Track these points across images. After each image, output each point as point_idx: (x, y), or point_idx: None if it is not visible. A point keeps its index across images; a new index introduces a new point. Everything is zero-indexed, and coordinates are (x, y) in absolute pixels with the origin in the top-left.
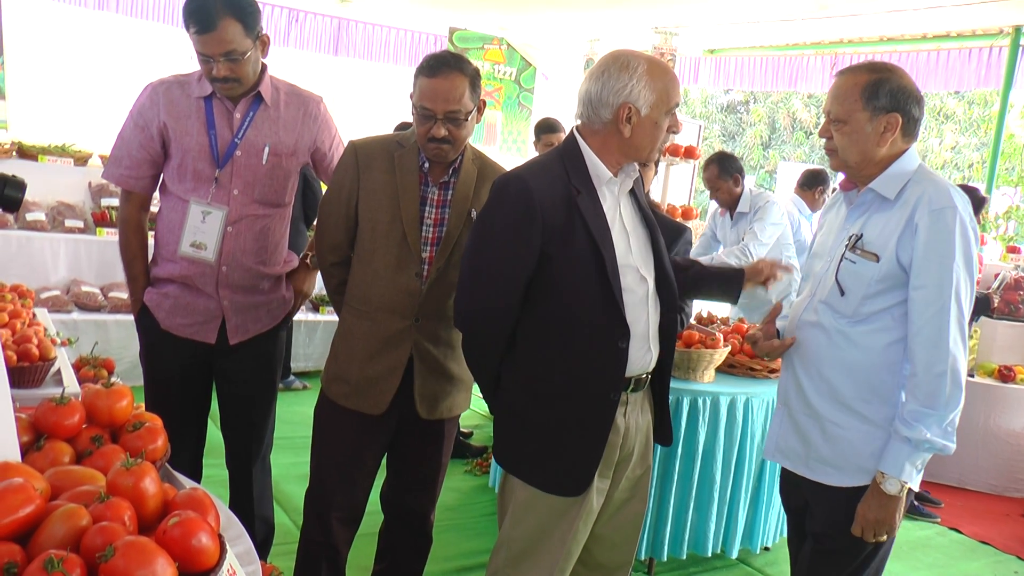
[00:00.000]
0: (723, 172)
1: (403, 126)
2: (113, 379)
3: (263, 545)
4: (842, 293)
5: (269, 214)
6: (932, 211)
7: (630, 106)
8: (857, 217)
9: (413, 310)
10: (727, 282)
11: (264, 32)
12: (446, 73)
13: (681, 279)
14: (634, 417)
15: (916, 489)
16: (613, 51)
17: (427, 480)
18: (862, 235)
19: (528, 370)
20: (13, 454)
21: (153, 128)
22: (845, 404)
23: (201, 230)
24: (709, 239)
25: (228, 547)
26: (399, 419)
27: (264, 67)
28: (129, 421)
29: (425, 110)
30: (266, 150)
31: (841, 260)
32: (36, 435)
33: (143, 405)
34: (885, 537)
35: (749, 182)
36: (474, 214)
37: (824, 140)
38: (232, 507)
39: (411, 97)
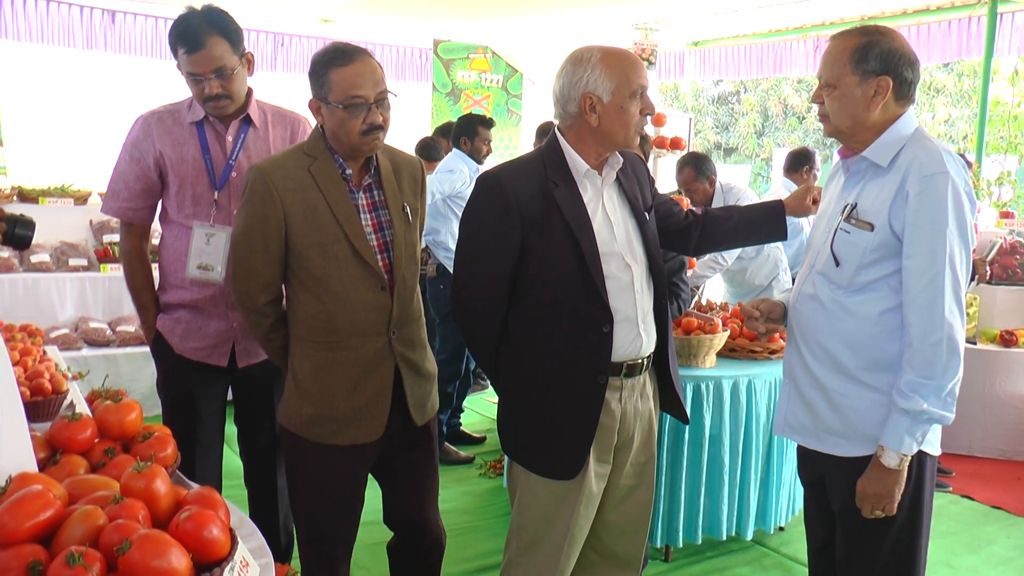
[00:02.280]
0: (699, 174)
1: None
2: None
3: (285, 552)
4: (837, 263)
5: None
6: (923, 177)
7: (590, 96)
8: (853, 186)
9: (387, 324)
10: (769, 219)
11: (249, 51)
12: (362, 57)
13: (724, 230)
14: (632, 403)
15: (936, 453)
16: (573, 50)
17: (426, 487)
18: (856, 204)
19: (519, 357)
20: (31, 468)
21: (149, 159)
22: (848, 374)
23: (207, 252)
24: None
25: (240, 540)
26: (389, 434)
27: (250, 91)
28: (139, 433)
29: (357, 98)
30: None
31: (836, 230)
32: (52, 451)
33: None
34: (882, 513)
35: (744, 171)
36: (407, 208)
37: (817, 108)
38: (254, 522)
39: (320, 100)
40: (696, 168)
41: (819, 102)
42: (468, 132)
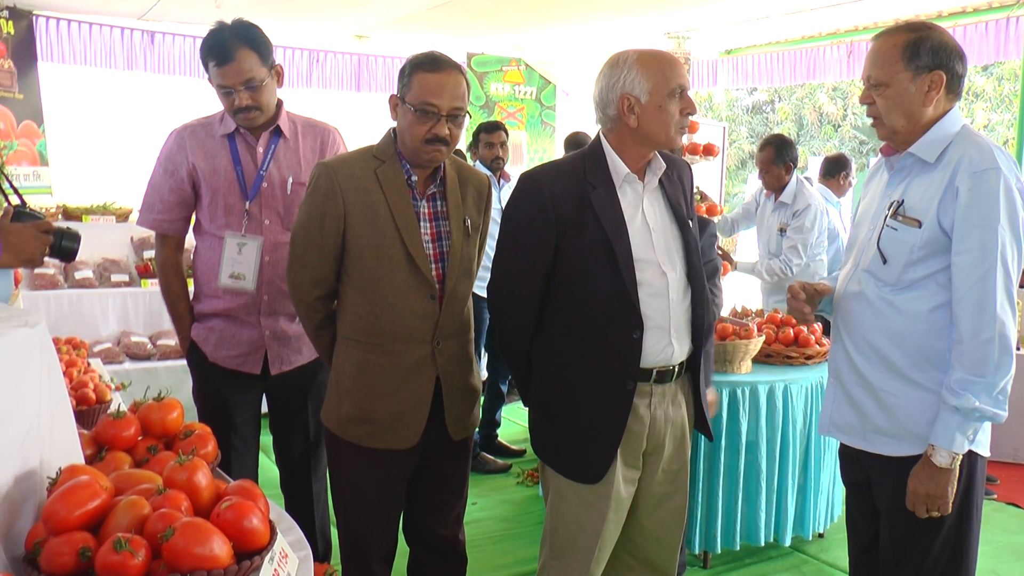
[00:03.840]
0: (778, 157)
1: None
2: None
3: (323, 559)
4: (884, 261)
5: None
6: (973, 173)
7: (629, 97)
8: (898, 183)
9: (432, 334)
10: None
11: (278, 64)
12: (450, 70)
13: None
14: (662, 409)
15: (986, 454)
16: (611, 54)
17: (452, 502)
18: (903, 201)
19: (550, 359)
20: (79, 463)
21: (183, 171)
22: (897, 372)
23: (238, 261)
24: (752, 212)
25: (279, 533)
26: (425, 444)
27: (280, 102)
28: (181, 431)
29: (430, 106)
30: (290, 180)
31: (883, 227)
32: (97, 448)
33: None
34: (938, 513)
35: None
36: (468, 222)
37: (865, 110)
38: None
39: (399, 99)
40: (777, 150)
41: (869, 102)
42: (473, 142)
